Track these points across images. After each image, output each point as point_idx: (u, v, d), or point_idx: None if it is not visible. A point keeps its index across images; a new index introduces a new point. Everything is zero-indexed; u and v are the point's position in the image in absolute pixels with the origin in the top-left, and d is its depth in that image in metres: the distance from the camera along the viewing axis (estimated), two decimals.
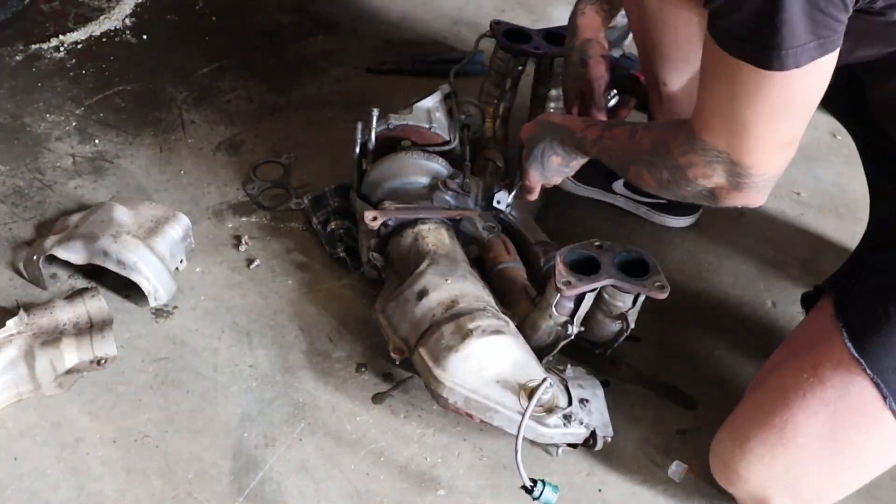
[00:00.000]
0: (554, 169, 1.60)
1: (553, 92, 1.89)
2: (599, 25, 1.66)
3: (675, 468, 1.44)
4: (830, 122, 1.93)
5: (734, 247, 1.81)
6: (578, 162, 1.58)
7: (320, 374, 1.55)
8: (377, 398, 1.52)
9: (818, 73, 1.12)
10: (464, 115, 1.82)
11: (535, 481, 1.27)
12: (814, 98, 1.16)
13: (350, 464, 1.43)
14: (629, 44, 2.04)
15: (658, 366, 1.60)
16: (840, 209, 1.91)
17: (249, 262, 1.73)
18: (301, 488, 1.40)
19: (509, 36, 1.87)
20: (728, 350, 1.63)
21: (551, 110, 1.90)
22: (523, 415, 1.30)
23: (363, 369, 1.55)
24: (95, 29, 2.29)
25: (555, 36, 1.88)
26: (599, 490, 1.42)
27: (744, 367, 1.60)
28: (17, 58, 2.19)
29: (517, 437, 1.29)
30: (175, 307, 1.64)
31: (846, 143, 1.75)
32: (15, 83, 2.12)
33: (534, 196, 1.67)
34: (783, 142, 1.19)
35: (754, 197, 1.25)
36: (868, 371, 1.22)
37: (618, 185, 1.87)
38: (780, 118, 1.16)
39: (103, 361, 1.48)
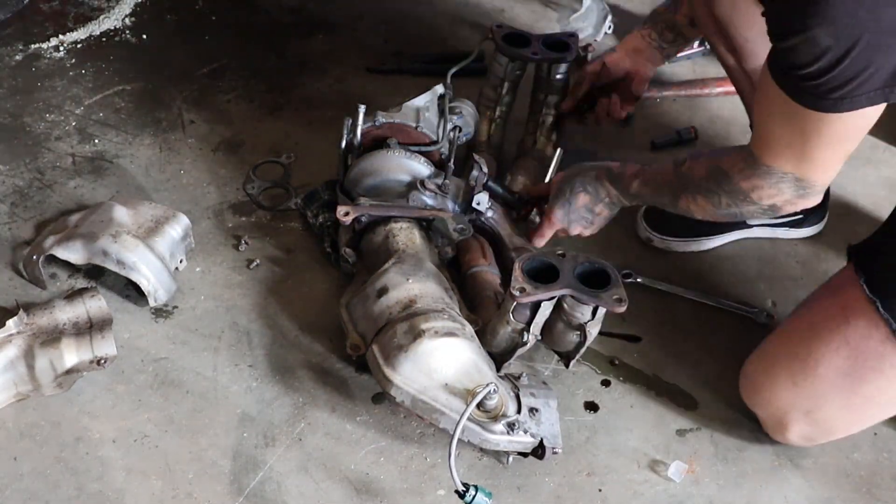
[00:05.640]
0: (579, 210, 1.59)
1: (551, 98, 1.87)
2: (643, 47, 1.80)
3: (675, 468, 1.44)
4: None
5: (734, 246, 1.81)
6: (604, 209, 1.59)
7: (320, 374, 1.55)
8: (377, 398, 1.51)
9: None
10: (456, 117, 1.81)
11: (467, 486, 1.27)
12: (875, 118, 1.22)
13: (350, 464, 1.43)
14: None
15: (658, 366, 1.60)
16: (839, 209, 1.91)
17: (249, 262, 1.73)
18: (301, 488, 1.40)
19: (509, 40, 1.86)
20: (728, 350, 1.62)
21: (549, 118, 1.89)
22: (461, 416, 1.29)
23: (363, 369, 1.55)
24: (95, 29, 2.29)
25: (554, 42, 1.86)
26: (599, 490, 1.42)
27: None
28: (17, 58, 2.19)
29: (452, 439, 1.28)
30: (175, 307, 1.64)
31: None
32: (15, 83, 2.12)
33: (542, 241, 1.66)
34: (844, 157, 1.29)
35: (815, 201, 1.34)
36: (880, 309, 1.29)
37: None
38: (843, 142, 1.26)
39: (103, 361, 1.48)
